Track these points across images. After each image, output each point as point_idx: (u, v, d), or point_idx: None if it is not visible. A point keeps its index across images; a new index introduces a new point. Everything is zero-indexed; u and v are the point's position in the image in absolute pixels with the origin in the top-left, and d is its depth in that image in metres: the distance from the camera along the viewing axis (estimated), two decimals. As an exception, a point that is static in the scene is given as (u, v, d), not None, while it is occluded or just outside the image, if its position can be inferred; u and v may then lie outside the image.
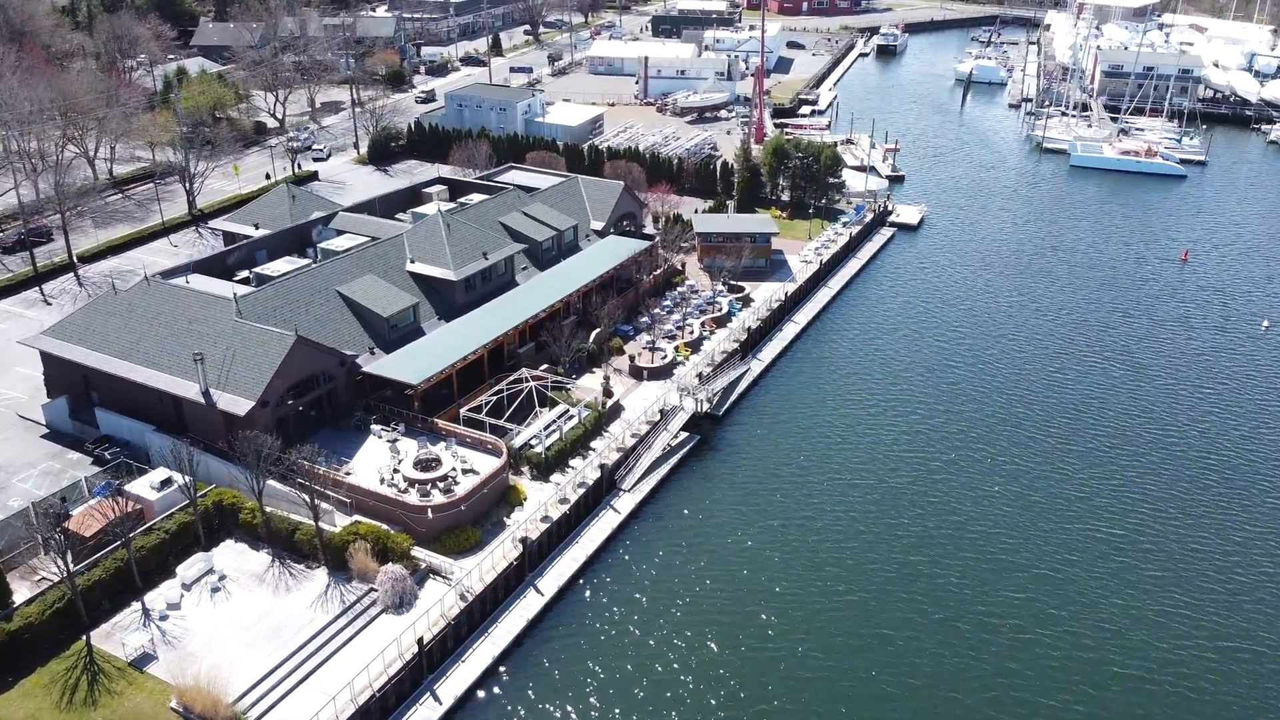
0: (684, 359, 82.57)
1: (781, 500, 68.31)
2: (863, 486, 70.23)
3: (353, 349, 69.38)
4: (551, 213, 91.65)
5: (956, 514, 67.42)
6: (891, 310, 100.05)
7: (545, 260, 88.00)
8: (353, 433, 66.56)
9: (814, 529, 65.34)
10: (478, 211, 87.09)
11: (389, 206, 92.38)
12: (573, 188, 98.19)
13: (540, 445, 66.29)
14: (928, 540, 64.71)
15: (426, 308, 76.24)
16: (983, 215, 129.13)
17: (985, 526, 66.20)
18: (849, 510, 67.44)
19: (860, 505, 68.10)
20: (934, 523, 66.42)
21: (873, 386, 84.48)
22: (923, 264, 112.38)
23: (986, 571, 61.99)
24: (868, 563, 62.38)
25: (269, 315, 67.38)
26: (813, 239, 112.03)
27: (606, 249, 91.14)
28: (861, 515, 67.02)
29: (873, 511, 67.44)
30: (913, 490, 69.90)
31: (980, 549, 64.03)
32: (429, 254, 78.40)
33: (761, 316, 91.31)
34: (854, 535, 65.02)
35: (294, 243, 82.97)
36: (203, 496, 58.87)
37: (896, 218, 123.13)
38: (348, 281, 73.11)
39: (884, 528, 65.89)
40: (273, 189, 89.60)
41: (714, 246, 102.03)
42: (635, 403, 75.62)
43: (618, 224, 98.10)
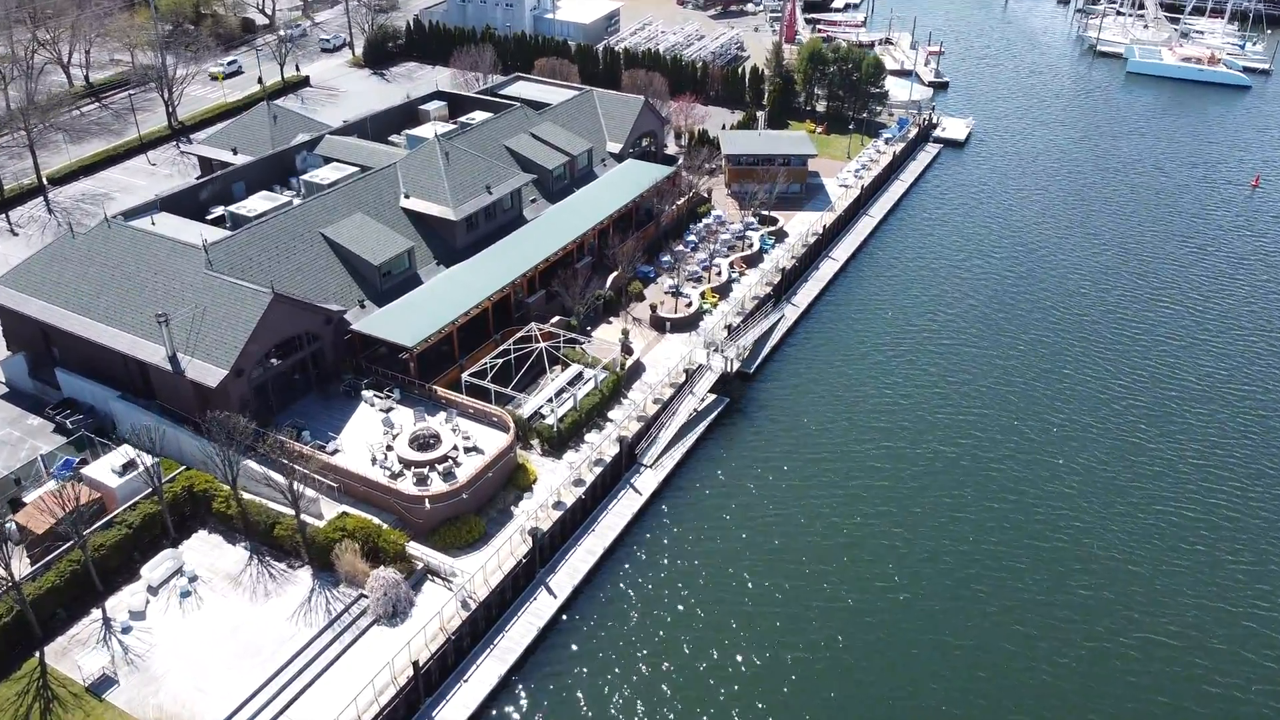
0: (711, 306, 74.33)
1: (822, 473, 61.18)
2: (911, 456, 62.88)
3: (340, 302, 61.50)
4: (563, 134, 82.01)
5: (1016, 492, 60.22)
6: (938, 243, 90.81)
7: (556, 191, 78.89)
8: (342, 399, 59.32)
9: (858, 508, 58.37)
10: (480, 134, 77.61)
11: (382, 127, 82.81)
12: (587, 103, 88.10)
13: (551, 416, 58.94)
14: (986, 522, 57.72)
15: (424, 251, 67.88)
16: (1034, 129, 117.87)
17: (1050, 509, 59.01)
18: (898, 486, 60.26)
19: (910, 479, 60.90)
20: (993, 503, 59.27)
21: (920, 334, 76.27)
22: (971, 187, 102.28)
23: (1051, 562, 55.07)
24: (919, 550, 55.54)
25: (244, 265, 59.33)
26: (852, 158, 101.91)
27: (625, 176, 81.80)
28: (912, 491, 59.88)
29: (924, 487, 60.28)
30: (967, 461, 62.51)
31: (1046, 536, 56.94)
32: (426, 188, 69.52)
33: (797, 254, 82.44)
34: (904, 515, 58.03)
35: (275, 172, 74.03)
36: (171, 482, 52.14)
37: (942, 132, 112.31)
38: (334, 222, 64.60)
39: (937, 506, 58.85)
40: (253, 108, 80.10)
41: (744, 170, 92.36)
42: (657, 360, 67.84)
43: (637, 144, 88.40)
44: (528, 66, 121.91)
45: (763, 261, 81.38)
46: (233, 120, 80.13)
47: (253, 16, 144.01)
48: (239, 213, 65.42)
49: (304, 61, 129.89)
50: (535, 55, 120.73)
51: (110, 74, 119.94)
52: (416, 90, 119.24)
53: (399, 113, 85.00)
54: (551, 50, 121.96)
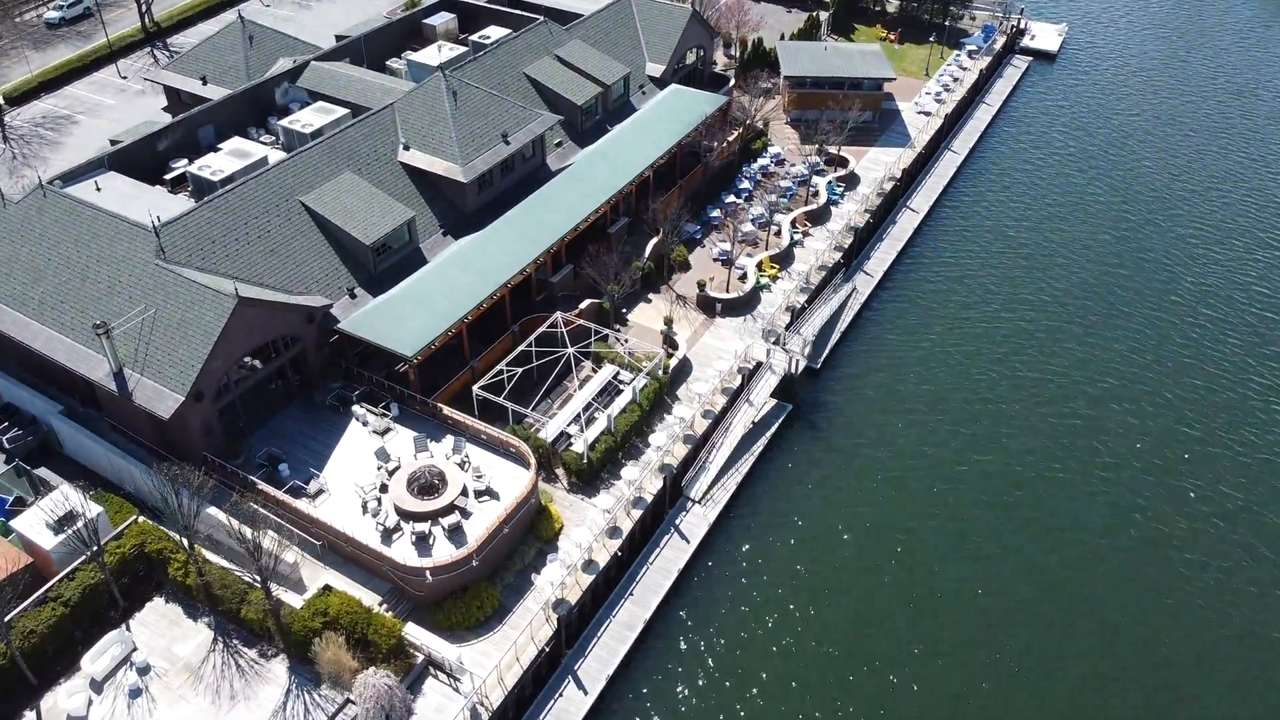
0: (769, 280, 62.51)
1: (911, 501, 50.95)
2: (1020, 478, 52.19)
3: (326, 291, 50.54)
4: (595, 56, 68.44)
5: (1155, 526, 49.90)
6: (1032, 185, 77.29)
7: (586, 130, 66.05)
8: (328, 414, 49.19)
9: (965, 551, 48.35)
10: (495, 61, 64.34)
11: (378, 48, 69.36)
12: (623, 13, 73.79)
13: (580, 441, 48.53)
14: (1119, 567, 47.64)
15: (427, 217, 56.18)
16: (1136, 38, 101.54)
17: (1199, 551, 48.87)
18: (1008, 514, 50.03)
19: (1021, 504, 50.59)
20: (1126, 537, 49.09)
21: (1020, 306, 64.28)
22: (1067, 112, 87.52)
23: (1193, 627, 45.35)
24: (1028, 600, 45.76)
25: (205, 251, 48.16)
26: (930, 77, 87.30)
27: (669, 109, 68.58)
28: (1023, 519, 49.64)
29: (1037, 514, 50.02)
30: (1092, 485, 51.81)
31: (1185, 577, 47.05)
32: (429, 138, 57.19)
33: (871, 206, 69.79)
34: (1010, 553, 48.02)
35: (250, 110, 61.55)
36: (119, 538, 42.74)
37: (1031, 41, 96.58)
38: (317, 187, 52.87)
39: (1054, 544, 48.69)
40: (225, 28, 66.71)
41: (807, 95, 78.48)
42: (707, 354, 56.75)
43: (681, 64, 74.60)
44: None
45: (830, 217, 68.84)
46: (202, 42, 66.92)
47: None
48: (201, 175, 53.56)
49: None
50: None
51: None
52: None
53: (399, 28, 71.18)
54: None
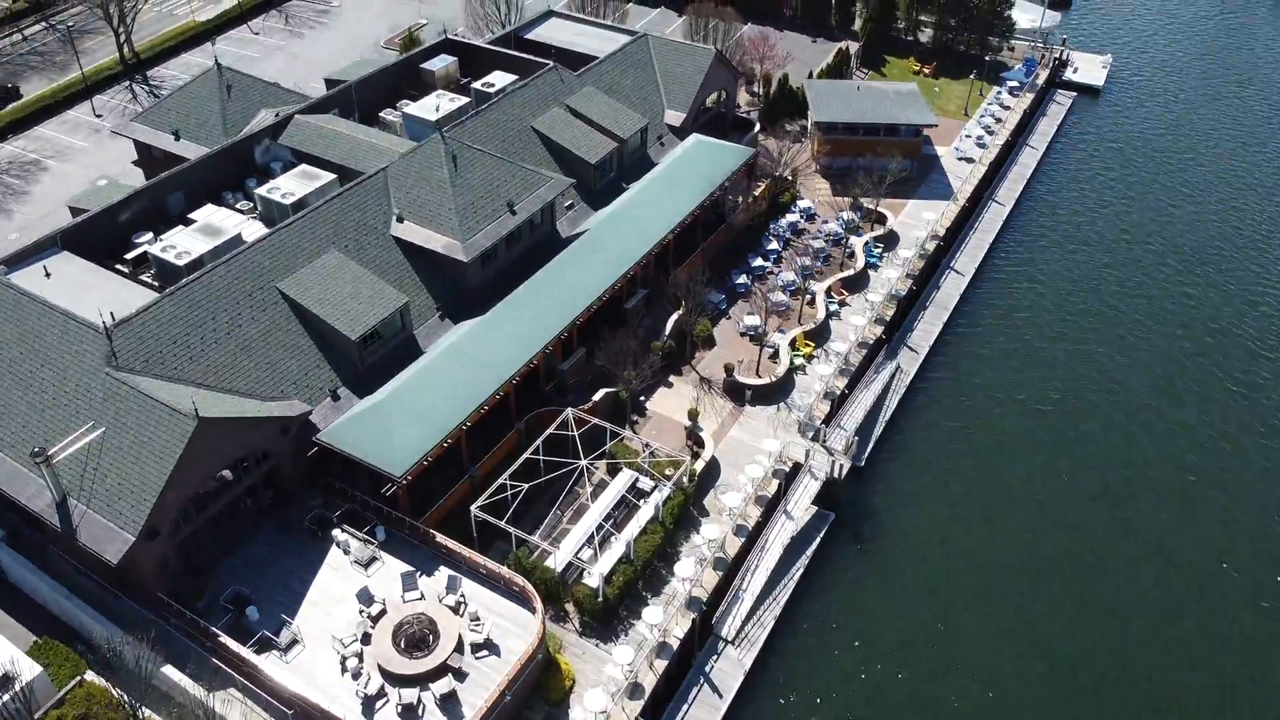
0: (804, 359, 56.14)
1: (980, 631, 44.58)
2: (1101, 590, 45.88)
3: (306, 393, 44.26)
4: (608, 105, 62.09)
5: (1248, 651, 43.47)
6: (1086, 237, 70.46)
7: (601, 189, 59.74)
8: (305, 539, 42.93)
9: (1052, 687, 42.00)
10: (500, 115, 58.00)
11: (372, 95, 62.98)
12: (639, 55, 67.44)
13: (594, 574, 42.14)
14: (1202, 693, 41.42)
15: (423, 299, 49.87)
16: (1185, 67, 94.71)
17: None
18: (1102, 645, 43.70)
19: (1114, 631, 44.28)
20: (1208, 660, 42.72)
21: (1079, 382, 57.83)
22: (1116, 152, 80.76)
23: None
24: None
25: (164, 352, 41.89)
26: (970, 116, 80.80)
27: (691, 164, 62.17)
28: (1113, 650, 43.38)
29: (1132, 638, 43.72)
30: (1171, 600, 45.49)
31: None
32: (426, 209, 50.89)
33: (913, 270, 63.35)
34: (1102, 681, 41.79)
35: (227, 171, 55.28)
36: (59, 706, 36.50)
37: (1074, 74, 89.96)
38: (297, 270, 46.60)
39: (1138, 677, 42.34)
40: (200, 77, 60.41)
41: (839, 142, 72.03)
42: (737, 452, 50.30)
43: (703, 110, 68.25)
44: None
45: (868, 283, 62.39)
46: (175, 91, 60.59)
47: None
48: (165, 258, 47.23)
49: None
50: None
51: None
52: (428, 6, 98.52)
53: (395, 73, 64.74)
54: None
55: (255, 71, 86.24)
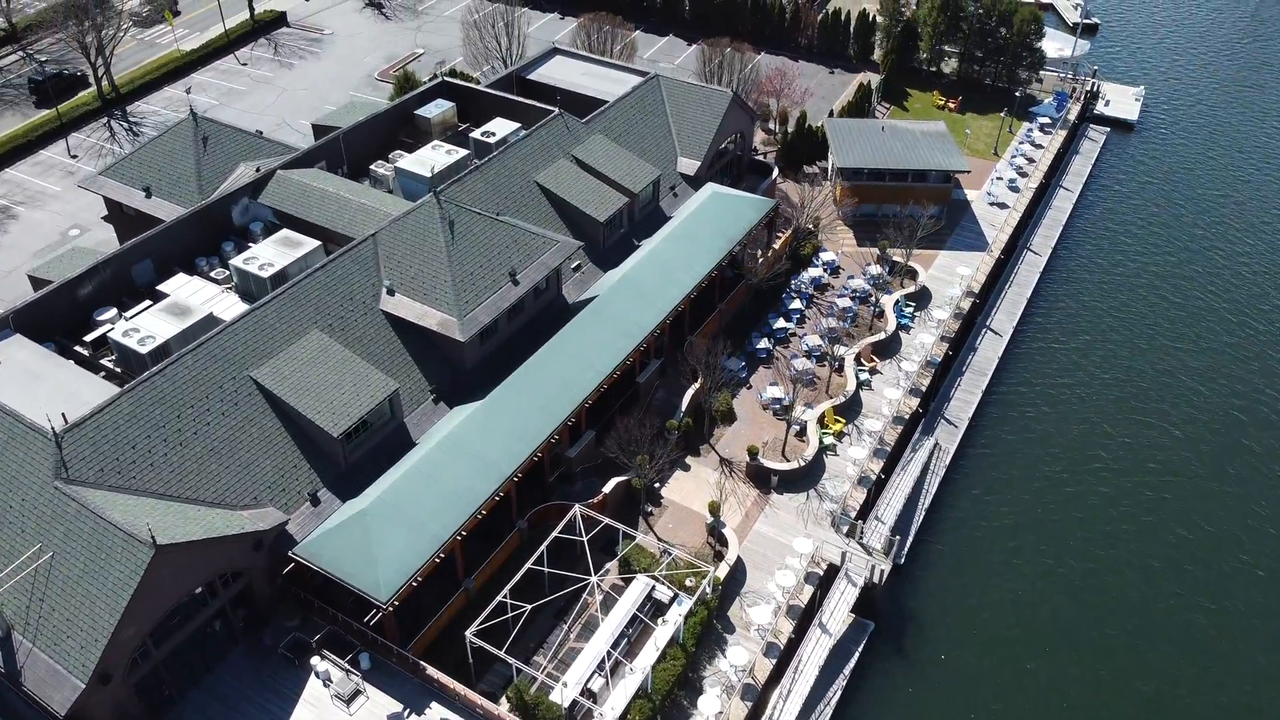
0: (834, 438, 51.28)
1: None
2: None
3: (281, 496, 39.39)
4: (618, 155, 57.33)
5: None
6: (1129, 289, 65.55)
7: (609, 248, 54.98)
8: (281, 666, 38.04)
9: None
10: (501, 169, 53.24)
11: (363, 143, 58.22)
12: (650, 98, 62.68)
13: (607, 711, 37.19)
14: None
15: (415, 381, 45.05)
16: (1222, 98, 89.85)
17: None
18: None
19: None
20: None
21: (1126, 457, 52.94)
22: (1156, 192, 75.81)
23: None
24: None
25: (122, 459, 37.02)
26: (1000, 156, 76.03)
27: (706, 218, 57.34)
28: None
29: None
30: None
31: None
32: (419, 280, 46.08)
33: (948, 333, 58.55)
34: None
35: (201, 234, 50.52)
36: None
37: (1106, 108, 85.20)
38: (273, 357, 41.77)
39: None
40: (174, 128, 55.54)
41: (864, 189, 67.23)
42: (764, 550, 45.34)
43: (718, 154, 63.55)
44: (567, 1, 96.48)
45: (900, 347, 57.54)
46: (147, 143, 55.59)
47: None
48: (127, 344, 42.34)
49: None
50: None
51: (40, 7, 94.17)
52: (424, 34, 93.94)
53: (387, 121, 59.87)
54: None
55: (242, 106, 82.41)
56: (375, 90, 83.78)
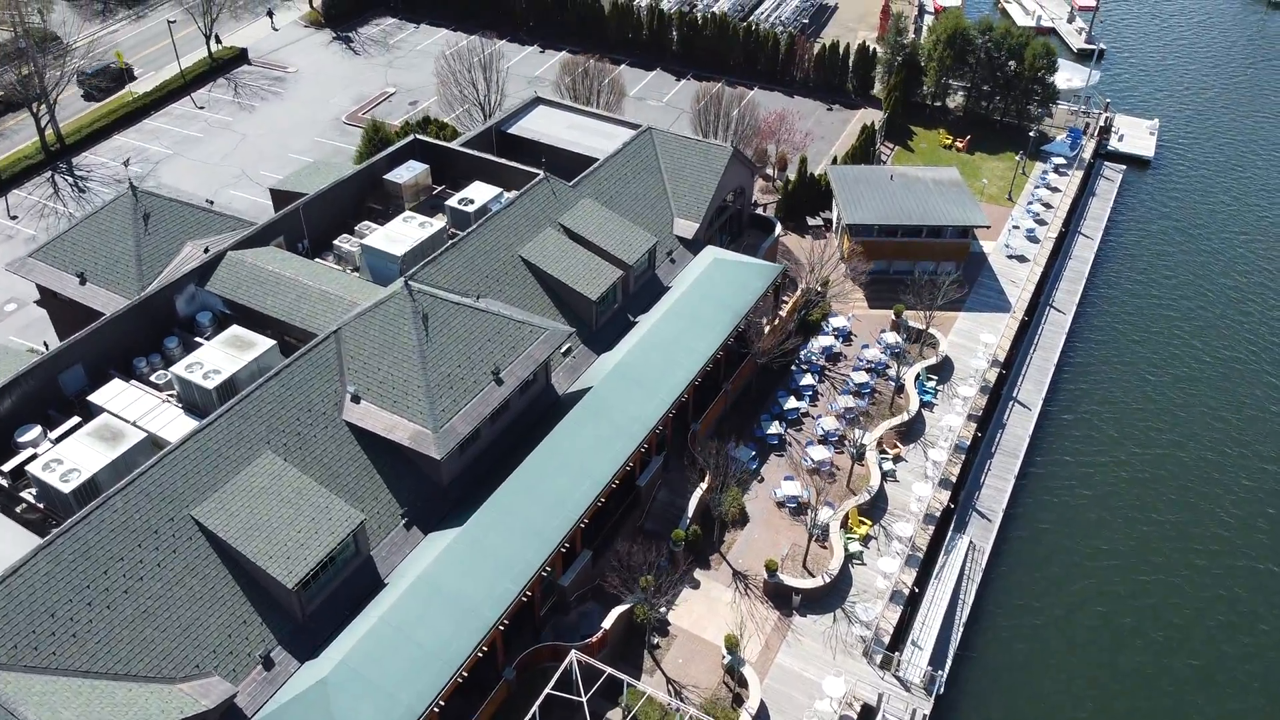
0: (859, 542, 45.99)
1: None
2: None
3: (227, 662, 33.55)
4: (610, 221, 51.88)
5: None
6: (1161, 346, 60.59)
7: (603, 327, 49.58)
8: None
9: None
10: (481, 245, 47.62)
11: (326, 216, 52.24)
12: (643, 154, 57.27)
13: None
14: None
15: (384, 504, 39.37)
16: (1240, 127, 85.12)
17: None
18: None
19: None
20: None
21: (1196, 535, 47.85)
22: (1181, 234, 70.98)
23: None
24: None
25: (38, 633, 30.85)
26: (1015, 201, 71.13)
27: (708, 289, 51.94)
28: None
29: None
30: None
31: None
32: (388, 385, 40.47)
33: (975, 410, 53.40)
34: None
35: (142, 331, 44.61)
36: None
37: (1121, 144, 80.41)
38: (218, 489, 36.03)
39: None
40: (112, 203, 49.56)
41: (874, 245, 62.01)
42: (788, 688, 39.69)
43: (718, 213, 58.26)
44: (547, 34, 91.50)
45: (924, 428, 52.33)
46: (82, 220, 49.49)
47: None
48: (49, 481, 36.44)
49: (245, 17, 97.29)
50: (553, 17, 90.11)
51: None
52: (395, 71, 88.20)
53: (353, 186, 54.07)
54: (576, 13, 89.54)
55: (198, 154, 76.31)
56: (343, 135, 78.05)
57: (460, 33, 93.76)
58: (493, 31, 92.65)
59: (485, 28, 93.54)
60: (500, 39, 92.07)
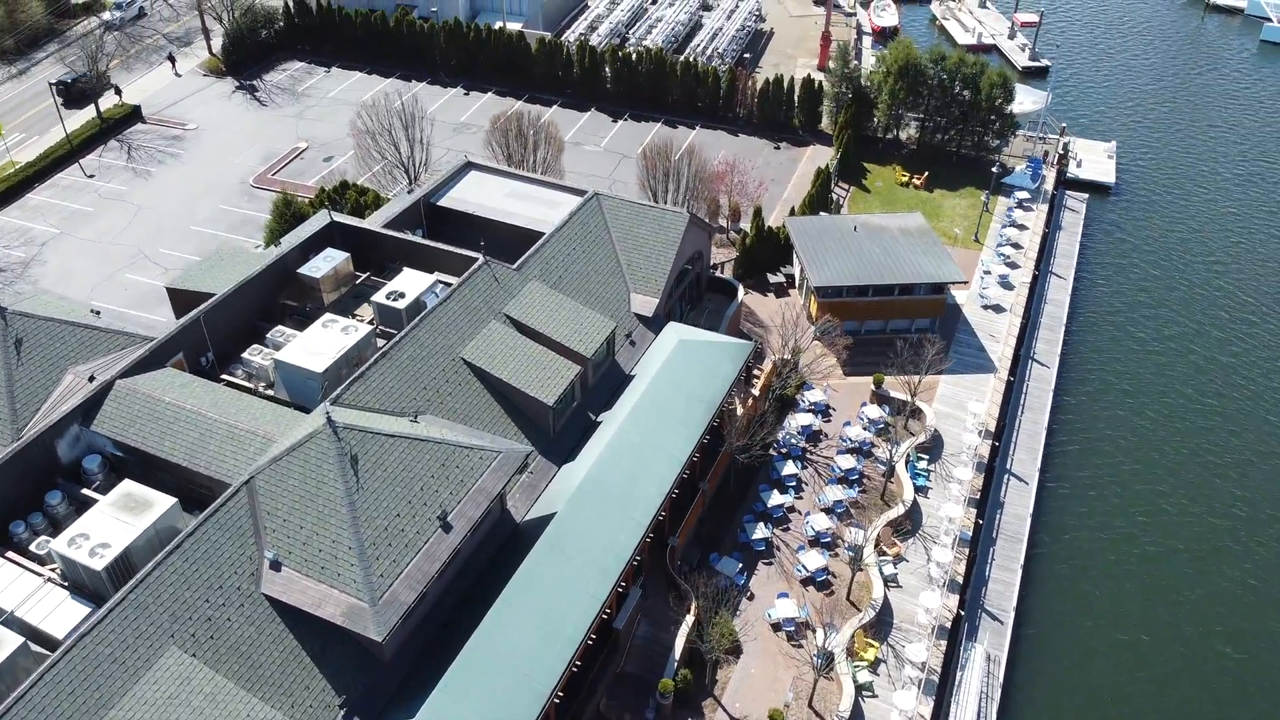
0: (868, 669, 40.90)
1: None
2: None
3: None
4: (562, 308, 46.02)
5: None
6: (1148, 392, 56.85)
7: (559, 431, 43.75)
8: None
9: None
10: (417, 352, 41.41)
11: (233, 319, 45.18)
12: (591, 224, 51.44)
13: None
14: None
15: (317, 695, 32.98)
16: (1197, 141, 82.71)
17: None
18: None
19: None
20: None
21: (1215, 613, 43.96)
22: (1152, 270, 67.48)
23: None
24: None
25: None
26: (983, 243, 67.14)
27: (676, 377, 46.24)
28: None
29: None
30: None
31: None
32: (313, 547, 34.00)
33: (974, 493, 48.83)
34: None
35: (19, 485, 37.36)
36: None
37: (1079, 170, 77.03)
38: (112, 708, 29.35)
39: None
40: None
41: (843, 306, 57.24)
42: None
43: (676, 283, 52.87)
44: (471, 75, 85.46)
45: (921, 520, 47.50)
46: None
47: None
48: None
49: (137, 66, 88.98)
50: (476, 46, 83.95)
51: None
52: (307, 123, 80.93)
53: (263, 285, 47.01)
54: (501, 52, 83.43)
55: (88, 233, 68.12)
56: (251, 201, 70.75)
57: (376, 76, 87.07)
58: (412, 75, 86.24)
59: (402, 69, 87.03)
60: (419, 81, 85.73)
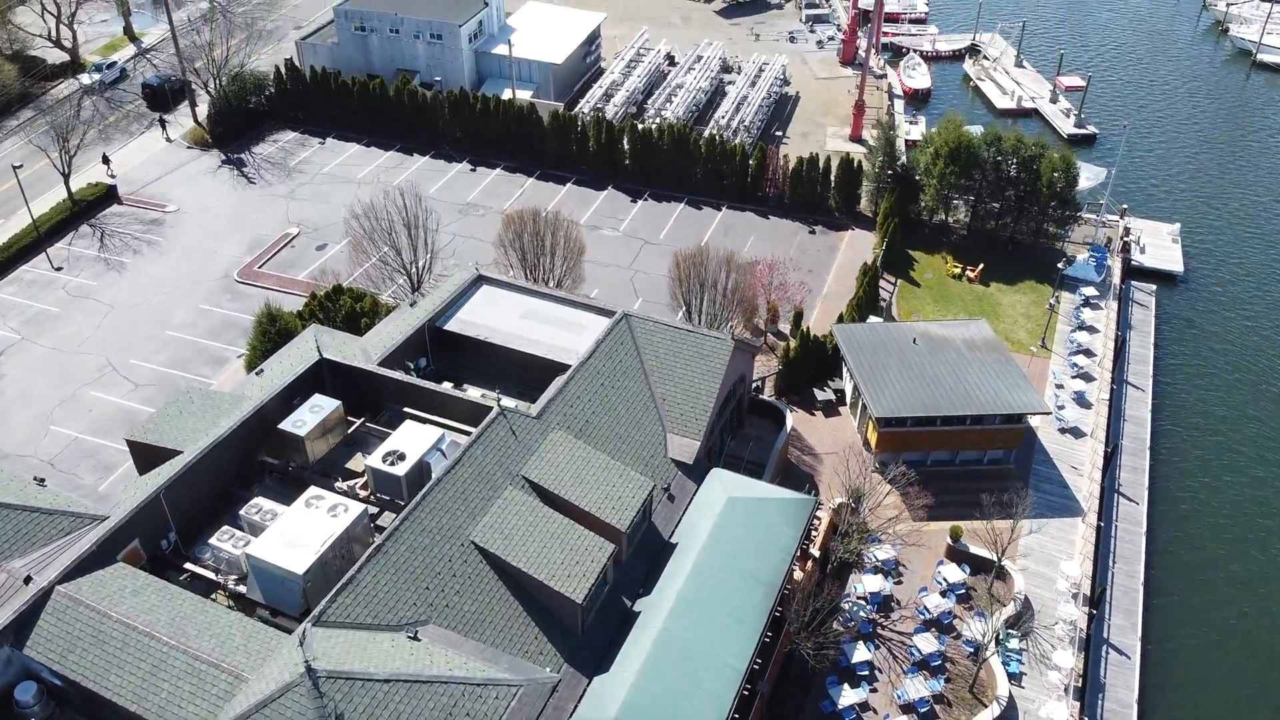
0: None
1: None
2: None
3: None
4: (590, 464, 38.87)
5: None
6: (1252, 533, 49.80)
7: (587, 630, 36.47)
8: None
9: None
10: (418, 540, 34.25)
11: (200, 489, 37.77)
12: (621, 356, 44.43)
13: None
14: None
15: None
16: (1262, 222, 75.93)
17: None
18: None
19: None
20: None
21: None
22: (1236, 376, 60.52)
23: None
24: None
25: None
26: (1050, 348, 60.23)
27: (727, 548, 38.92)
28: None
29: None
30: None
31: None
32: (293, 835, 26.93)
33: (1075, 681, 41.54)
34: None
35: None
36: None
37: (1143, 256, 70.37)
38: None
39: None
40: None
41: (906, 436, 50.20)
42: None
43: (719, 418, 45.79)
44: (477, 148, 78.97)
45: (1017, 718, 40.28)
46: None
47: (40, 54, 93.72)
48: None
49: (117, 136, 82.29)
50: (482, 129, 77.53)
51: None
52: (298, 203, 74.06)
53: (239, 441, 39.69)
54: (510, 126, 76.82)
55: (52, 339, 60.56)
56: (235, 299, 63.77)
57: (374, 148, 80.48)
58: (413, 148, 79.62)
59: (402, 142, 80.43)
60: (421, 156, 79.16)
